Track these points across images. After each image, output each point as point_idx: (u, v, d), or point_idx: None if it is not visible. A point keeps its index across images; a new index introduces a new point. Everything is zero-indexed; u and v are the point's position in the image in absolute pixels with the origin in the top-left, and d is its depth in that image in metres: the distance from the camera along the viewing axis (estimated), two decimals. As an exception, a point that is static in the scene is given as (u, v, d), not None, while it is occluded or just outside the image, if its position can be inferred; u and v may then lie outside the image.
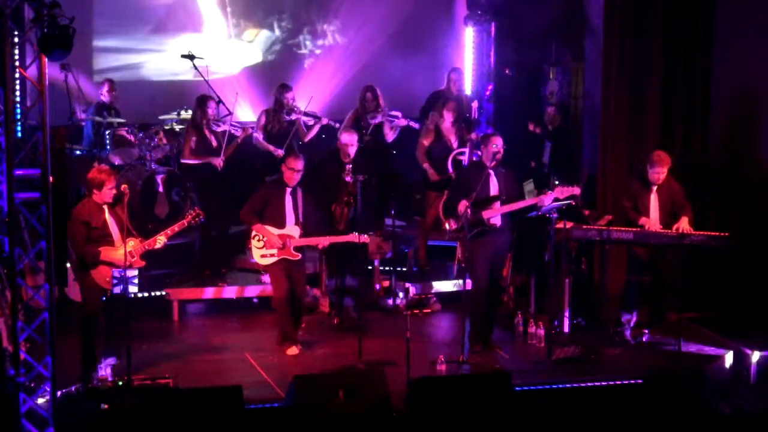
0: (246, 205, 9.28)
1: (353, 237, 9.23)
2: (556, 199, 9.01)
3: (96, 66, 13.10)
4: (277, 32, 13.75)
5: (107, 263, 8.25)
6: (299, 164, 9.18)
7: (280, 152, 10.84)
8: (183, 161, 10.97)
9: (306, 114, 11.18)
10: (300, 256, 9.20)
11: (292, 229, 9.17)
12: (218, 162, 10.69)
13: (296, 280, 9.26)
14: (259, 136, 11.06)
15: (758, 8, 10.32)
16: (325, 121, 11.27)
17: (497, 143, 9.06)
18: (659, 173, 9.50)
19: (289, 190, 9.22)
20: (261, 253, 9.19)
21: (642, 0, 10.50)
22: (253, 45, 13.73)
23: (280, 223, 9.16)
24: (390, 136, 11.39)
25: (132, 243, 8.36)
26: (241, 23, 13.66)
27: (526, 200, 9.08)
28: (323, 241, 9.27)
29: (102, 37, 13.06)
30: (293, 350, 9.16)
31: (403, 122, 11.35)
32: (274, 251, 9.14)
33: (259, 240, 9.17)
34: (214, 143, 10.85)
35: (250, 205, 9.24)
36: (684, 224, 9.38)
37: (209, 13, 13.45)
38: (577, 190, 9.06)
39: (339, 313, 10.06)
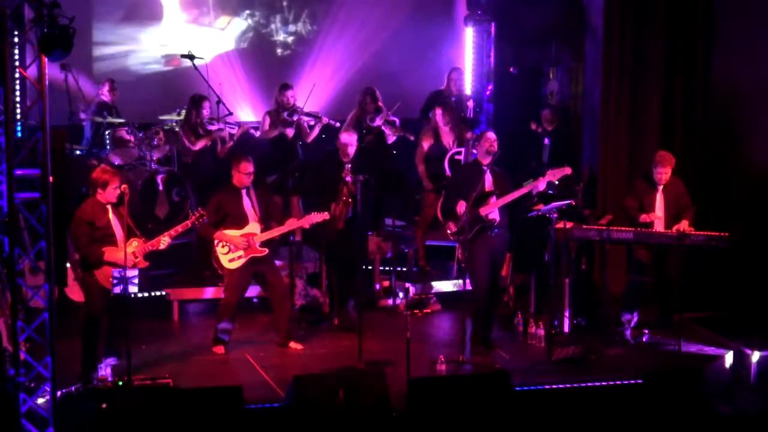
0: None
1: (315, 216, 9.22)
2: (549, 183, 9.09)
3: (96, 66, 13.09)
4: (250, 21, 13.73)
5: (111, 264, 8.23)
6: (251, 167, 9.19)
7: (290, 130, 11.00)
8: (193, 147, 10.89)
9: (307, 114, 11.21)
10: (267, 251, 9.21)
11: (252, 227, 9.17)
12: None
13: (271, 281, 9.26)
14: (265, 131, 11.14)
15: (758, 8, 10.33)
16: (325, 120, 11.29)
17: (489, 138, 9.10)
18: (662, 173, 9.58)
19: (244, 191, 9.24)
20: (228, 258, 9.16)
21: (642, 0, 10.51)
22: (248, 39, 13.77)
23: (242, 225, 9.17)
24: (391, 138, 11.42)
25: (135, 243, 8.35)
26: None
27: (520, 189, 9.07)
28: (285, 228, 9.28)
29: (102, 36, 13.06)
30: (220, 349, 9.20)
31: (399, 133, 11.37)
32: (241, 252, 9.14)
33: (223, 246, 9.17)
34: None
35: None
36: (684, 225, 9.42)
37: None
38: (568, 170, 9.11)
39: (339, 313, 10.06)
